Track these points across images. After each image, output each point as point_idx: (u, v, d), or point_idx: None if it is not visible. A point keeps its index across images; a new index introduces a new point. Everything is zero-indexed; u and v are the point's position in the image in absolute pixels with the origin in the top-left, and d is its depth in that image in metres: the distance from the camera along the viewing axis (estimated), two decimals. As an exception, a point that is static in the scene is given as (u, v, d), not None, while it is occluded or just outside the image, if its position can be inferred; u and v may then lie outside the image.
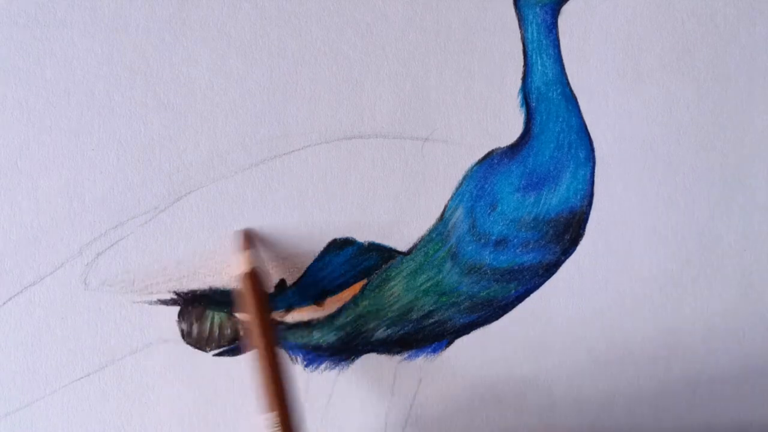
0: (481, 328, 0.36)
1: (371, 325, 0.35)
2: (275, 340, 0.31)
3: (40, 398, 0.33)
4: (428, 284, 0.35)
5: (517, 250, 0.35)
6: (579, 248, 0.36)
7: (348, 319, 0.35)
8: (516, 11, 0.34)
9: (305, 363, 0.35)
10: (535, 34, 0.34)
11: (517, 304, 0.36)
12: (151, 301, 0.34)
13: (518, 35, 0.34)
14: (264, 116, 0.34)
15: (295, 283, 0.34)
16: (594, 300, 0.36)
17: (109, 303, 0.33)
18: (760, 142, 0.36)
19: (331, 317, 0.35)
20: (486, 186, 0.35)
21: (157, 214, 0.33)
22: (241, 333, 0.34)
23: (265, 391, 0.29)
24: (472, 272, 0.35)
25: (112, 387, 0.34)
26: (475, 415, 0.36)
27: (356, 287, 0.35)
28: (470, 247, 0.35)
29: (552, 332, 0.36)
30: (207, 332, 0.34)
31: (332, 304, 0.35)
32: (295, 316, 0.35)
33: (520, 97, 0.35)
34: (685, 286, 0.37)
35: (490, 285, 0.35)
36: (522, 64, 0.34)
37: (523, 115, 0.35)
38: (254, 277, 0.32)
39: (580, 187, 0.35)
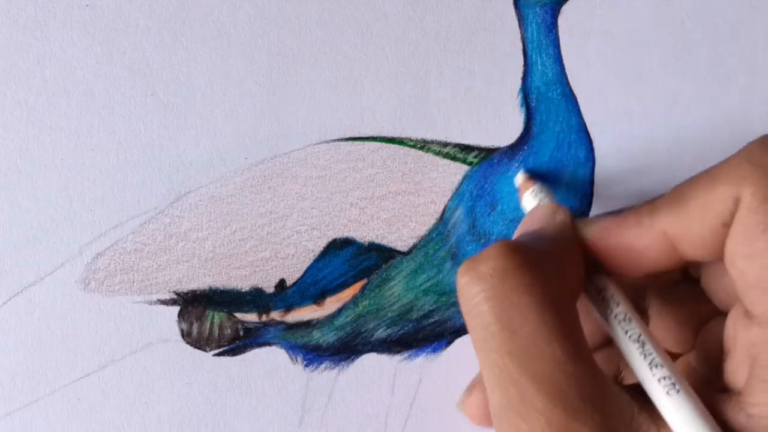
0: (481, 328, 0.36)
1: (371, 325, 0.35)
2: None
3: (40, 398, 0.33)
4: (428, 284, 0.35)
5: (517, 250, 0.35)
6: (579, 248, 0.36)
7: (348, 319, 0.35)
8: (516, 11, 0.34)
9: (305, 363, 0.35)
10: (535, 34, 0.34)
11: (517, 304, 0.36)
12: (151, 301, 0.34)
13: (518, 35, 0.34)
14: (264, 116, 0.34)
15: (294, 283, 0.34)
16: (594, 300, 0.36)
17: (109, 303, 0.33)
18: (760, 142, 0.36)
19: (331, 317, 0.35)
20: (486, 186, 0.35)
21: (157, 214, 0.33)
22: None
23: None
24: (472, 272, 0.35)
25: (112, 387, 0.34)
26: (475, 415, 0.36)
27: (356, 287, 0.35)
28: (470, 247, 0.35)
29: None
30: (207, 332, 0.34)
31: (332, 304, 0.35)
32: (295, 316, 0.35)
33: (520, 97, 0.35)
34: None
35: (490, 285, 0.35)
36: (522, 63, 0.34)
37: (523, 115, 0.35)
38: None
39: (580, 187, 0.35)
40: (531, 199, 0.32)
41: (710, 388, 0.25)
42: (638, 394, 0.25)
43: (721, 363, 0.26)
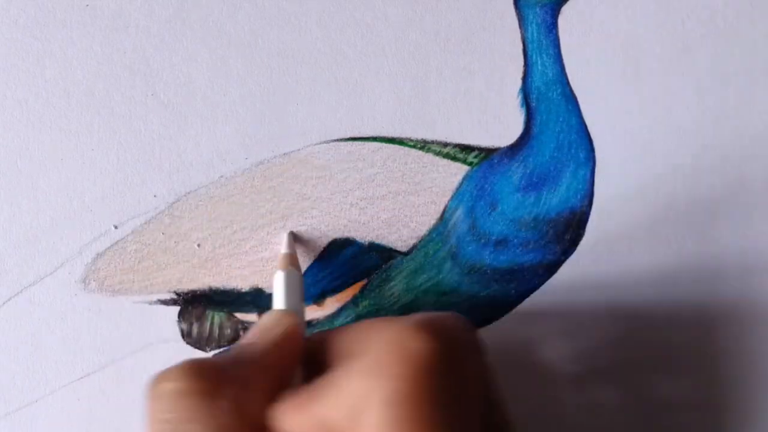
0: (481, 328, 0.36)
1: (371, 325, 0.35)
2: None
3: (40, 398, 0.33)
4: (428, 284, 0.35)
5: (517, 250, 0.35)
6: (579, 248, 0.36)
7: (348, 320, 0.35)
8: (516, 11, 0.34)
9: (305, 363, 0.35)
10: (535, 34, 0.34)
11: (517, 304, 0.36)
12: (151, 301, 0.34)
13: (518, 35, 0.34)
14: (264, 116, 0.34)
15: (295, 283, 0.34)
16: (594, 300, 0.36)
17: (109, 303, 0.33)
18: (760, 142, 0.36)
19: (331, 317, 0.35)
20: (486, 186, 0.35)
21: (157, 214, 0.33)
22: (242, 333, 0.34)
23: None
24: (472, 272, 0.35)
25: (112, 387, 0.34)
26: (475, 415, 0.36)
27: (356, 287, 0.35)
28: (470, 247, 0.35)
29: (552, 332, 0.36)
30: (207, 332, 0.34)
31: (332, 304, 0.35)
32: (295, 316, 0.35)
33: (520, 97, 0.35)
34: (685, 285, 0.37)
35: (490, 285, 0.35)
36: (522, 64, 0.34)
37: (523, 115, 0.35)
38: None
39: (580, 187, 0.35)
40: (278, 283, 0.31)
41: None
42: None
43: None
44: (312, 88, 0.34)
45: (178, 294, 0.34)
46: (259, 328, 0.28)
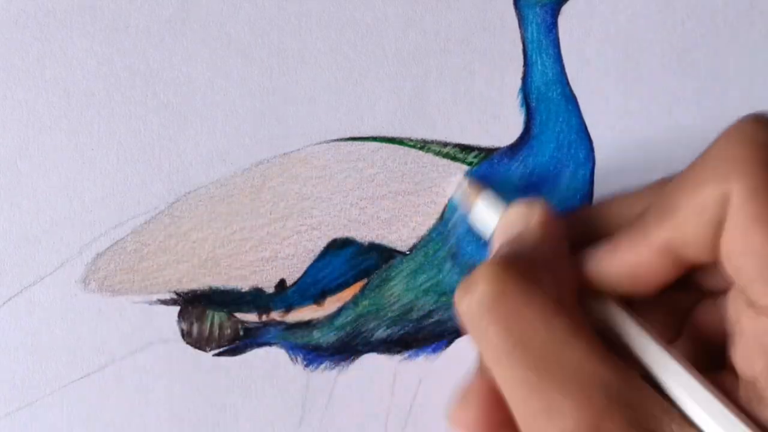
0: (481, 328, 0.36)
1: (371, 325, 0.35)
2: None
3: (40, 398, 0.33)
4: (428, 284, 0.35)
5: (517, 250, 0.35)
6: (579, 248, 0.36)
7: (348, 319, 0.35)
8: (516, 11, 0.34)
9: (305, 363, 0.35)
10: (535, 34, 0.34)
11: (517, 304, 0.36)
12: (151, 301, 0.34)
13: (518, 35, 0.34)
14: (264, 116, 0.34)
15: (294, 283, 0.34)
16: (594, 300, 0.36)
17: (108, 303, 0.33)
18: (760, 142, 0.36)
19: (331, 317, 0.35)
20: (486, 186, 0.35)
21: (157, 214, 0.33)
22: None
23: None
24: (472, 272, 0.35)
25: (112, 387, 0.34)
26: (475, 415, 0.36)
27: (356, 287, 0.35)
28: (470, 247, 0.35)
29: (552, 332, 0.36)
30: (207, 332, 0.34)
31: (332, 304, 0.35)
32: (295, 316, 0.35)
33: (520, 97, 0.35)
34: (685, 286, 0.37)
35: (490, 285, 0.35)
36: (522, 63, 0.34)
37: (523, 115, 0.35)
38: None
39: (580, 187, 0.35)
40: (486, 207, 0.32)
41: (708, 374, 0.25)
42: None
43: (717, 349, 0.26)
44: (312, 88, 0.34)
45: (178, 294, 0.34)
46: (510, 224, 0.29)
